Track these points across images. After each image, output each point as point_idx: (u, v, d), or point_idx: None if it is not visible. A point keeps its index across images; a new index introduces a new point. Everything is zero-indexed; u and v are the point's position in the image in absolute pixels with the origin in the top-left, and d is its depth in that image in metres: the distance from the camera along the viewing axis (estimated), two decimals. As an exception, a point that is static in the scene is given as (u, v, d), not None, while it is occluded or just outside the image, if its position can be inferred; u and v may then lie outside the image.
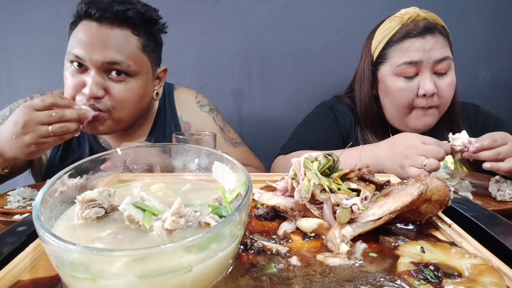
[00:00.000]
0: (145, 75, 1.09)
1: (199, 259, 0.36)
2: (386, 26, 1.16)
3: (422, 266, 0.41)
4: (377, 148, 1.00)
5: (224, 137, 1.28)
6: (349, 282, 0.40)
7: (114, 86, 1.03)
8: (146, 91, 1.11)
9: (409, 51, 1.10)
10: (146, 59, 1.08)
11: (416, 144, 0.90)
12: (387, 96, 1.18)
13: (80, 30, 1.02)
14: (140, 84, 1.07)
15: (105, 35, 1.00)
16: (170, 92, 1.31)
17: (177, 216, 0.42)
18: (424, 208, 0.52)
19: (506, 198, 0.86)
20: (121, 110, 1.06)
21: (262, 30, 1.68)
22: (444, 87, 1.11)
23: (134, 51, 1.04)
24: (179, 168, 0.62)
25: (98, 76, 1.01)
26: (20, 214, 0.80)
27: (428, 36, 1.09)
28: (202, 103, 1.32)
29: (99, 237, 0.42)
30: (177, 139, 0.92)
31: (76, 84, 1.02)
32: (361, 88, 1.24)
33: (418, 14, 1.11)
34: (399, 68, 1.12)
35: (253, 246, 0.46)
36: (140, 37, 1.05)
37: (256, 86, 1.74)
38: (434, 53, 1.09)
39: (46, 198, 0.45)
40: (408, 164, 0.90)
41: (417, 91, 1.11)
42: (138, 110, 1.12)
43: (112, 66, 1.01)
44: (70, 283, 0.38)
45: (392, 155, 0.93)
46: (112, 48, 1.00)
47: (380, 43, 1.17)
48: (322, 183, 0.53)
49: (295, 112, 1.49)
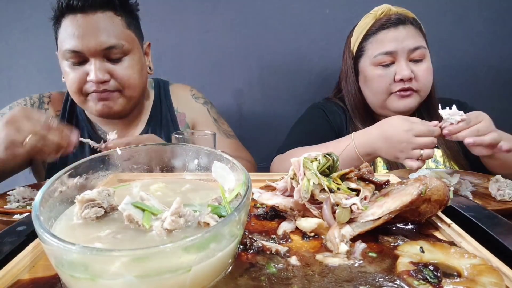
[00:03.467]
0: (137, 50, 1.14)
1: (198, 259, 0.36)
2: (362, 23, 1.25)
3: (422, 266, 0.41)
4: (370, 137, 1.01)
5: (217, 127, 1.31)
6: (349, 282, 0.40)
7: (116, 68, 1.08)
8: (143, 65, 1.17)
9: (384, 42, 1.19)
10: (133, 35, 1.13)
11: (410, 139, 0.92)
12: (367, 85, 1.25)
13: (67, 25, 1.04)
14: (136, 59, 1.13)
15: (93, 22, 1.03)
16: (166, 87, 1.35)
17: (177, 216, 0.42)
18: (424, 208, 0.52)
19: (506, 198, 0.85)
20: (129, 88, 1.12)
21: (262, 30, 1.68)
22: (421, 71, 1.18)
23: (122, 30, 1.09)
24: (178, 167, 0.62)
25: (99, 62, 1.05)
26: (20, 214, 0.80)
27: (400, 27, 1.17)
28: (197, 96, 1.37)
29: (98, 237, 0.42)
30: (177, 138, 0.92)
31: (79, 77, 1.07)
32: (347, 82, 1.32)
33: (389, 9, 1.21)
34: (376, 59, 1.20)
35: (252, 246, 0.46)
36: (122, 16, 1.09)
37: (256, 86, 1.74)
38: (407, 43, 1.16)
39: (46, 198, 0.45)
40: (403, 157, 0.94)
41: (394, 77, 1.18)
42: (142, 85, 1.18)
43: (109, 51, 1.05)
44: (69, 283, 0.38)
45: (387, 147, 0.97)
46: (103, 33, 1.04)
47: (358, 39, 1.26)
48: (321, 182, 0.53)
49: (295, 112, 1.49)
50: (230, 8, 1.66)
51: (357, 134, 1.05)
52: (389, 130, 0.97)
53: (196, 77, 1.71)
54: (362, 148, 1.01)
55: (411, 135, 0.92)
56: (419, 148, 0.92)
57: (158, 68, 1.64)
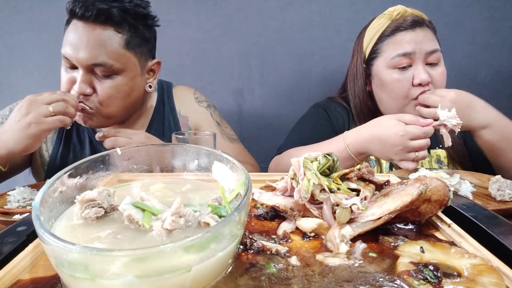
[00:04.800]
0: (130, 71, 1.10)
1: (198, 259, 0.36)
2: (377, 23, 1.21)
3: (422, 266, 0.41)
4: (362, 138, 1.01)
5: (220, 131, 1.30)
6: (349, 282, 0.40)
7: (100, 84, 1.06)
8: (134, 86, 1.13)
9: (401, 43, 1.15)
10: (131, 55, 1.09)
11: (405, 143, 0.93)
12: (383, 89, 1.21)
13: (69, 29, 1.05)
14: (126, 80, 1.09)
15: (88, 35, 1.02)
16: (169, 89, 1.34)
17: (177, 216, 0.42)
18: (424, 208, 0.52)
19: (506, 198, 0.85)
20: (108, 106, 1.09)
21: (262, 30, 1.68)
22: (438, 76, 1.16)
23: (117, 49, 1.05)
24: (178, 168, 0.62)
25: (85, 74, 1.04)
26: (20, 214, 0.80)
27: (417, 29, 1.14)
28: (200, 99, 1.35)
29: (98, 237, 0.42)
30: (177, 138, 0.92)
31: (68, 80, 1.07)
32: (355, 85, 1.28)
33: (405, 10, 1.18)
34: (393, 61, 1.15)
35: (252, 246, 0.46)
36: (123, 34, 1.06)
37: (256, 86, 1.73)
38: (425, 45, 1.13)
39: (46, 198, 0.45)
40: (398, 159, 0.95)
41: (412, 81, 1.14)
42: (127, 105, 1.14)
43: (96, 67, 1.04)
44: (69, 283, 0.38)
45: (380, 150, 0.98)
46: (94, 49, 1.02)
47: (372, 40, 1.21)
48: (321, 183, 0.53)
49: (295, 112, 1.49)
50: (230, 8, 1.66)
51: (348, 133, 1.05)
52: (382, 132, 0.97)
53: (196, 77, 1.71)
54: (354, 148, 1.01)
55: (406, 139, 0.93)
56: (414, 151, 0.93)
57: (158, 68, 1.65)
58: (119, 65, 1.06)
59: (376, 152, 1.00)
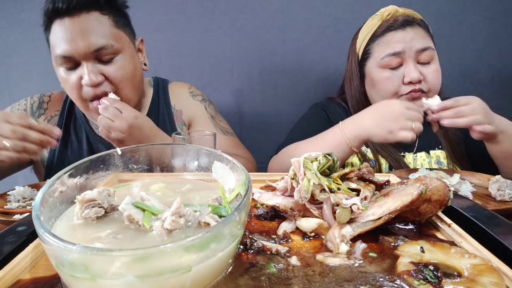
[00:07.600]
0: (128, 49, 1.12)
1: (198, 259, 0.36)
2: (368, 24, 1.23)
3: (422, 266, 0.41)
4: (359, 119, 1.03)
5: (214, 124, 1.30)
6: (349, 282, 0.40)
7: (108, 69, 1.07)
8: (136, 64, 1.15)
9: (391, 43, 1.15)
10: (123, 34, 1.11)
11: (402, 111, 0.96)
12: (374, 88, 1.22)
13: (56, 31, 1.04)
14: (128, 58, 1.11)
15: (80, 25, 1.02)
16: (165, 85, 1.35)
17: (177, 216, 0.42)
18: (424, 208, 0.52)
19: (506, 198, 0.85)
20: (124, 89, 1.10)
21: (262, 30, 1.68)
22: (430, 73, 1.16)
23: (110, 29, 1.06)
24: (178, 167, 0.62)
25: (91, 64, 1.04)
26: (20, 214, 0.80)
27: (408, 28, 1.15)
28: (195, 93, 1.36)
29: (98, 237, 0.42)
30: (177, 138, 0.92)
31: (75, 82, 1.06)
32: (351, 86, 1.29)
33: (396, 10, 1.18)
34: (383, 61, 1.16)
35: (252, 246, 0.46)
36: (109, 15, 1.08)
37: (256, 86, 1.73)
38: (415, 43, 1.13)
39: (46, 198, 0.45)
40: (397, 128, 0.96)
41: (402, 79, 1.15)
42: (136, 85, 1.15)
43: (99, 52, 1.04)
44: (69, 283, 0.38)
45: (378, 123, 0.98)
46: (91, 35, 1.02)
47: (364, 41, 1.23)
48: (321, 183, 0.53)
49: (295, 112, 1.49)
50: (230, 8, 1.66)
51: (345, 120, 1.06)
52: (380, 105, 1.02)
53: (196, 77, 1.71)
54: (349, 131, 1.02)
55: (404, 107, 0.97)
56: (410, 119, 0.95)
57: (158, 68, 1.64)
58: (118, 45, 1.07)
59: (373, 128, 0.98)
